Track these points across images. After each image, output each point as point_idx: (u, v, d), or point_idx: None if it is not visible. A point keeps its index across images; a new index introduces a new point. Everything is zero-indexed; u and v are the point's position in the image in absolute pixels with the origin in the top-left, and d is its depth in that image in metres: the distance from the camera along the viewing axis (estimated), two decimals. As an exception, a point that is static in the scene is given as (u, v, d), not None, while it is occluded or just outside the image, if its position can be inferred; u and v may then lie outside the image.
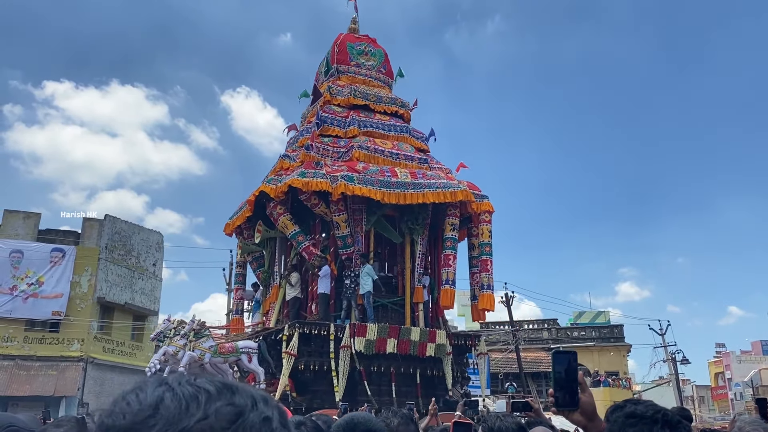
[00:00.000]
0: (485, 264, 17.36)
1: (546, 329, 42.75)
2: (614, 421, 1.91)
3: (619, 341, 40.98)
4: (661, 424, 1.83)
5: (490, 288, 17.30)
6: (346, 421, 2.51)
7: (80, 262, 29.47)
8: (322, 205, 16.16)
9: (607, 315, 45.73)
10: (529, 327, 42.91)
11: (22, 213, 29.88)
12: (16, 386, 26.14)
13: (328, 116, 17.91)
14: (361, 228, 16.27)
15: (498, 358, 37.18)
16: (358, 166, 16.19)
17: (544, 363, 39.09)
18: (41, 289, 28.68)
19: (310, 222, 17.25)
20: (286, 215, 16.23)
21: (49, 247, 29.40)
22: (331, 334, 14.81)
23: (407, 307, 16.52)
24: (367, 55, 19.86)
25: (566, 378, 2.04)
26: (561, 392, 2.03)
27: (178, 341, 14.25)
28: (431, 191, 16.22)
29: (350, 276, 15.57)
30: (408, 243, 17.14)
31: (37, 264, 28.86)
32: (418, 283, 16.59)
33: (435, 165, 18.08)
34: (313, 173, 15.79)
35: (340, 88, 18.75)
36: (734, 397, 49.85)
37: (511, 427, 3.34)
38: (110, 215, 31.22)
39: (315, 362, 14.72)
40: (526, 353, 38.49)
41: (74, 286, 29.20)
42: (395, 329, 15.33)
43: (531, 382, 38.38)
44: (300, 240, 16.06)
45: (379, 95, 18.99)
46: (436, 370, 15.84)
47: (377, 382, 15.22)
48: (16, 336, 27.95)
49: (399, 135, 18.24)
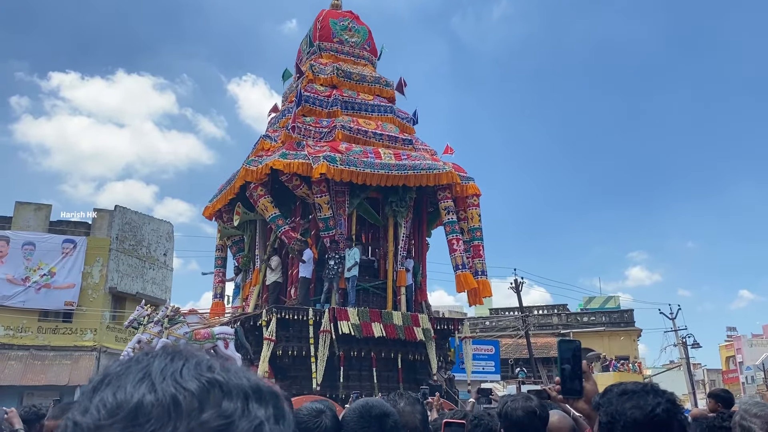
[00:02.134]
0: (477, 249, 16.95)
1: (556, 314, 42.78)
2: (608, 401, 1.94)
3: (629, 326, 40.99)
4: (653, 394, 1.89)
5: (484, 274, 16.88)
6: (361, 405, 2.54)
7: (91, 253, 29.73)
8: (304, 186, 15.78)
9: (617, 300, 45.78)
10: (538, 313, 42.94)
11: (33, 205, 30.08)
12: (32, 376, 26.42)
13: (310, 95, 17.36)
14: (344, 210, 15.91)
15: (508, 343, 37.30)
16: (340, 146, 15.80)
17: (554, 348, 39.07)
18: (53, 279, 28.93)
19: (291, 205, 16.80)
20: (266, 197, 15.81)
21: (60, 239, 29.61)
22: (310, 318, 14.47)
23: (389, 291, 16.16)
24: (351, 31, 19.27)
25: (571, 366, 2.09)
26: (566, 380, 2.09)
27: (153, 328, 14.03)
28: (415, 173, 15.85)
29: (335, 258, 15.17)
30: (391, 226, 16.72)
31: (49, 255, 29.09)
32: (401, 266, 16.23)
33: (420, 146, 17.68)
34: (295, 154, 15.41)
35: (323, 67, 18.19)
36: (746, 381, 49.88)
37: (522, 411, 3.27)
38: (120, 206, 31.36)
39: (294, 347, 14.42)
40: (536, 338, 38.55)
41: (86, 277, 29.48)
42: (376, 313, 15.03)
43: (541, 367, 38.43)
44: (279, 224, 15.60)
45: (363, 74, 18.43)
46: (418, 354, 15.54)
47: (357, 367, 14.97)
48: (30, 326, 28.21)
49: (383, 115, 17.78)
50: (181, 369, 0.75)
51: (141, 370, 0.75)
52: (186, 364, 0.76)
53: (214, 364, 0.78)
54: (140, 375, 0.74)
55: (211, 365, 0.78)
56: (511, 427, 3.24)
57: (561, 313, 42.69)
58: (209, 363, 0.79)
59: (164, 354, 0.79)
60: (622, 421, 1.86)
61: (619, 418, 1.87)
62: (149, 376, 0.74)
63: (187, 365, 0.76)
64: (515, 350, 37.91)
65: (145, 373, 0.74)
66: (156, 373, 0.74)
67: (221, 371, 0.77)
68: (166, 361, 0.77)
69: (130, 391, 0.72)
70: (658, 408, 1.85)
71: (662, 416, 1.85)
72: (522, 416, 3.23)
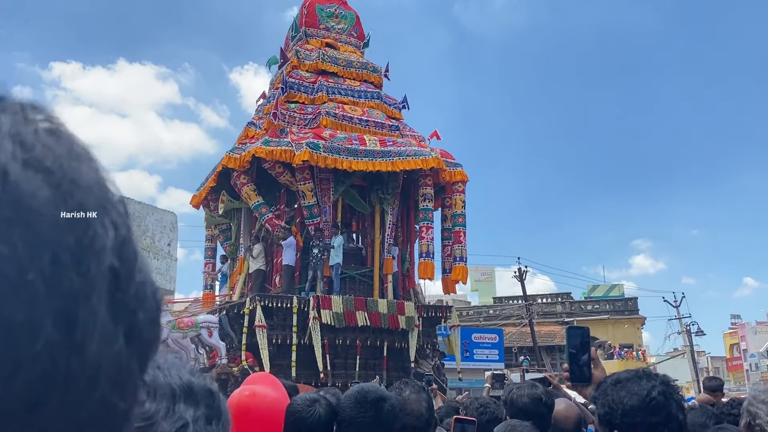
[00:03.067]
0: (458, 236, 16.81)
1: (560, 303, 42.85)
2: (603, 392, 1.92)
3: (633, 314, 41.06)
4: (646, 378, 1.90)
5: (462, 260, 16.75)
6: (357, 391, 2.59)
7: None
8: (287, 174, 15.57)
9: (621, 288, 45.82)
10: (542, 301, 43.02)
11: (38, 197, 30.55)
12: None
13: (295, 82, 17.12)
14: (328, 198, 15.70)
15: (512, 332, 37.48)
16: (324, 133, 15.58)
17: (558, 336, 39.35)
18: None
19: (276, 192, 16.64)
20: (249, 185, 15.68)
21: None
22: (294, 307, 14.30)
23: (375, 279, 16.00)
24: (338, 17, 18.97)
25: (580, 353, 2.10)
26: (575, 367, 2.10)
27: None
28: (401, 159, 15.61)
29: (319, 246, 14.98)
30: (378, 213, 16.54)
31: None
32: (388, 254, 16.02)
33: (408, 133, 17.43)
34: (278, 141, 15.22)
35: (308, 53, 17.90)
36: (749, 368, 49.88)
37: (528, 397, 3.22)
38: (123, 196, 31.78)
39: (278, 336, 14.27)
40: (540, 327, 38.69)
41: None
42: (361, 301, 14.87)
43: (545, 355, 38.66)
44: (263, 211, 15.48)
45: (350, 60, 18.14)
46: (404, 342, 15.41)
47: (343, 355, 14.85)
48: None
49: (369, 101, 17.48)
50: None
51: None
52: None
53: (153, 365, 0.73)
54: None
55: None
56: (517, 414, 3.18)
57: (565, 302, 42.76)
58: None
59: None
60: (620, 410, 1.84)
61: (617, 408, 1.85)
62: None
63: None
64: (519, 338, 38.08)
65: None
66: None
67: (152, 368, 0.74)
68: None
69: None
70: (653, 391, 1.84)
71: (659, 399, 1.84)
72: (528, 403, 3.20)
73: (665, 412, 1.84)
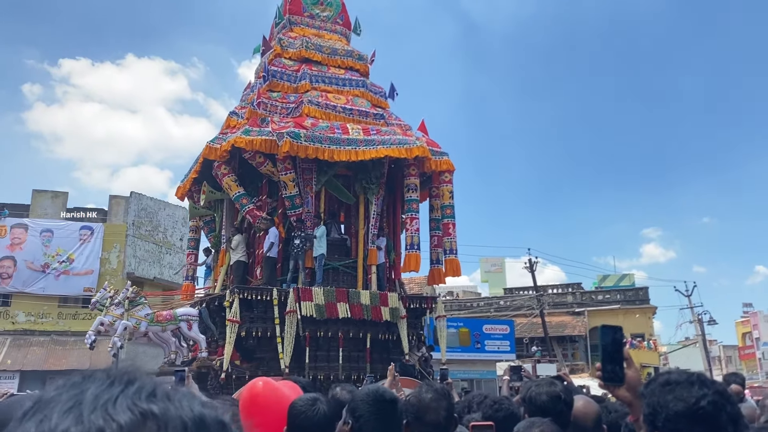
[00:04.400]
0: (447, 227, 16.47)
1: (570, 293, 42.67)
2: (651, 392, 1.86)
3: (644, 303, 40.78)
4: (698, 385, 1.80)
5: (453, 252, 16.33)
6: (374, 390, 2.68)
7: (108, 239, 30.63)
8: (269, 164, 15.30)
9: (632, 278, 45.57)
10: (553, 292, 42.89)
11: (50, 192, 31.10)
12: (53, 361, 27.42)
13: (277, 70, 16.85)
14: (311, 188, 15.47)
15: (523, 323, 37.48)
16: (306, 122, 15.32)
17: (568, 327, 39.29)
18: (72, 266, 29.91)
19: (258, 183, 16.34)
20: (230, 176, 15.46)
21: (78, 225, 30.58)
22: (274, 299, 14.03)
23: (359, 270, 15.76)
24: (323, 5, 18.68)
25: (612, 352, 2.03)
26: (607, 367, 2.03)
27: (115, 310, 13.89)
28: (385, 147, 15.31)
29: (299, 236, 14.77)
30: (362, 203, 16.29)
31: (67, 242, 30.07)
32: (372, 244, 15.77)
33: (394, 121, 17.12)
34: (258, 131, 14.93)
35: (292, 41, 17.62)
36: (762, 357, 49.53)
37: (547, 395, 3.21)
38: (135, 192, 32.20)
39: (258, 328, 13.99)
40: (551, 317, 38.64)
41: (104, 263, 30.42)
42: (343, 293, 14.60)
43: (556, 345, 38.64)
44: (244, 203, 15.28)
45: (334, 48, 17.86)
46: (389, 334, 15.12)
47: (325, 347, 14.59)
48: (50, 312, 29.27)
49: (354, 89, 17.18)
50: (117, 397, 0.71)
51: (73, 398, 0.71)
52: (124, 391, 0.72)
53: (157, 391, 0.74)
54: (71, 403, 0.70)
55: (152, 392, 0.73)
56: (536, 412, 3.16)
57: (575, 292, 42.57)
58: (152, 389, 0.74)
59: (105, 377, 0.75)
60: (663, 413, 1.78)
61: (661, 411, 1.79)
62: (80, 404, 0.69)
63: (125, 392, 0.72)
64: (530, 329, 38.07)
65: (76, 401, 0.70)
66: (88, 401, 0.70)
67: (162, 400, 0.72)
68: (104, 387, 0.72)
69: (55, 422, 0.68)
70: (702, 400, 1.75)
71: (707, 409, 1.74)
72: (546, 401, 3.18)
73: (713, 424, 1.74)
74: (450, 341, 31.94)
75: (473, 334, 33.98)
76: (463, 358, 31.32)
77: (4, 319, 28.94)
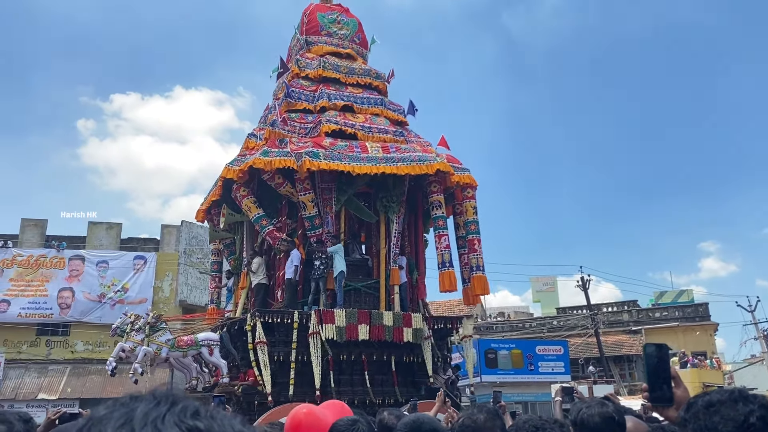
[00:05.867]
0: (472, 244, 16.10)
1: (626, 311, 41.59)
2: (695, 416, 1.77)
3: (704, 320, 39.39)
4: (742, 402, 1.72)
5: (480, 269, 15.89)
6: (412, 420, 2.72)
7: (161, 268, 31.51)
8: (288, 184, 15.20)
9: (691, 293, 44.24)
10: (608, 310, 41.92)
11: (105, 224, 32.25)
12: (110, 388, 28.05)
13: (295, 91, 16.86)
14: (330, 208, 15.28)
15: (577, 342, 36.72)
16: (324, 141, 15.21)
17: (625, 346, 38.26)
18: (126, 295, 30.86)
19: (278, 204, 16.19)
20: (249, 198, 15.38)
21: (131, 255, 31.59)
22: (294, 322, 13.74)
23: (382, 290, 15.43)
24: (339, 24, 18.67)
25: (658, 371, 1.99)
26: (654, 387, 1.98)
27: (136, 336, 13.82)
28: (404, 165, 15.11)
29: (320, 258, 14.53)
30: (383, 222, 16.02)
31: (121, 272, 31.10)
32: (394, 264, 15.44)
33: (413, 139, 16.99)
34: (277, 152, 14.84)
35: (309, 61, 17.63)
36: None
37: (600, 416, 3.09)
38: (186, 221, 33.01)
39: (280, 353, 13.71)
40: (607, 337, 37.72)
41: (157, 291, 31.26)
42: (365, 314, 14.25)
43: (613, 366, 37.62)
44: (263, 224, 15.16)
45: (352, 67, 17.79)
46: (413, 356, 14.72)
47: (349, 371, 14.26)
48: (107, 341, 30.03)
49: (372, 108, 17.05)
50: (164, 415, 0.75)
51: (124, 416, 0.75)
52: (171, 410, 0.76)
53: (201, 411, 0.78)
54: (122, 420, 0.74)
55: (197, 411, 0.78)
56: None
57: (631, 310, 41.47)
58: (196, 409, 0.78)
59: (151, 397, 0.79)
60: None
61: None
62: (131, 421, 0.74)
63: (172, 411, 0.76)
64: (585, 349, 37.27)
65: (127, 419, 0.74)
66: (138, 418, 0.74)
67: (206, 419, 0.77)
68: (151, 406, 0.77)
69: None
70: (751, 417, 1.68)
71: (758, 425, 1.68)
72: (599, 422, 3.09)
73: None
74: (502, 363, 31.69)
75: (526, 356, 33.40)
76: (516, 380, 30.82)
77: (63, 348, 30.01)
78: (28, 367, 29.58)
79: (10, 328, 29.96)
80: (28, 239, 31.31)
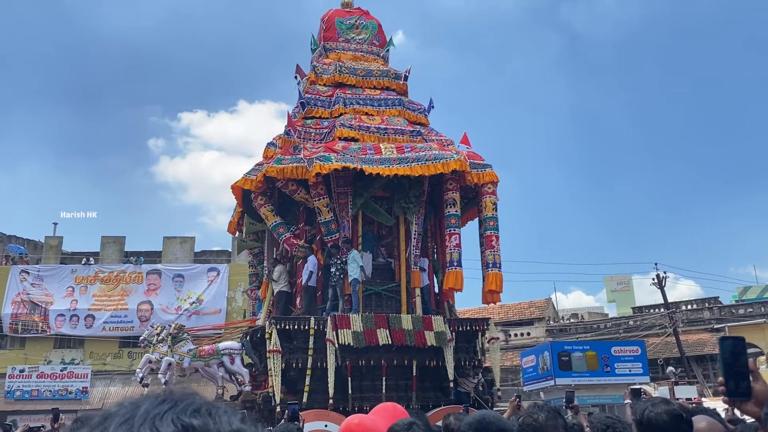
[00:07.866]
0: (489, 240, 15.49)
1: (707, 308, 39.69)
2: None
3: (794, 316, 37.28)
4: None
5: (495, 266, 15.25)
6: (477, 420, 2.67)
7: (233, 279, 32.79)
8: (302, 191, 15.23)
9: (778, 288, 41.95)
10: (687, 308, 40.20)
11: (179, 238, 33.93)
12: (189, 397, 29.58)
13: (311, 97, 16.88)
14: (346, 212, 15.08)
15: (655, 342, 35.50)
16: (337, 146, 15.14)
17: (708, 345, 36.58)
18: (201, 306, 32.33)
19: (295, 211, 16.25)
20: (267, 206, 15.49)
21: (205, 267, 33.05)
22: (311, 328, 13.61)
23: (403, 294, 15.07)
24: (358, 28, 18.61)
25: (735, 365, 1.92)
26: (731, 381, 1.92)
27: (161, 347, 14.19)
28: (419, 165, 14.78)
29: (336, 264, 14.40)
30: (402, 224, 15.71)
31: (195, 284, 32.56)
32: (415, 266, 15.08)
33: (434, 137, 16.62)
34: (290, 159, 14.92)
35: (326, 67, 17.61)
36: None
37: (668, 414, 2.94)
38: (256, 233, 34.18)
39: (299, 359, 13.59)
40: (687, 336, 36.22)
41: (230, 301, 32.57)
42: (383, 318, 13.96)
43: (695, 365, 36.11)
44: (281, 231, 15.26)
45: (369, 69, 17.64)
46: (437, 360, 14.26)
47: (368, 377, 13.98)
48: (184, 353, 31.60)
49: (390, 109, 16.85)
50: (165, 412, 0.77)
51: (129, 413, 0.78)
52: (173, 408, 0.78)
53: (201, 408, 0.79)
54: (126, 417, 0.77)
55: (197, 409, 0.79)
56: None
57: (713, 307, 39.49)
58: (197, 407, 0.80)
59: (158, 396, 0.81)
60: None
61: None
62: (132, 418, 0.76)
63: (173, 409, 0.78)
64: (664, 349, 35.91)
65: (130, 416, 0.77)
66: (140, 416, 0.77)
67: (203, 416, 0.78)
68: (155, 404, 0.79)
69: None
70: None
71: None
72: (668, 420, 2.92)
73: None
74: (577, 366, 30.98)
75: (601, 357, 32.56)
76: (591, 382, 30.18)
77: (144, 360, 31.67)
78: (113, 377, 31.38)
79: (96, 341, 31.85)
80: (108, 255, 33.26)
